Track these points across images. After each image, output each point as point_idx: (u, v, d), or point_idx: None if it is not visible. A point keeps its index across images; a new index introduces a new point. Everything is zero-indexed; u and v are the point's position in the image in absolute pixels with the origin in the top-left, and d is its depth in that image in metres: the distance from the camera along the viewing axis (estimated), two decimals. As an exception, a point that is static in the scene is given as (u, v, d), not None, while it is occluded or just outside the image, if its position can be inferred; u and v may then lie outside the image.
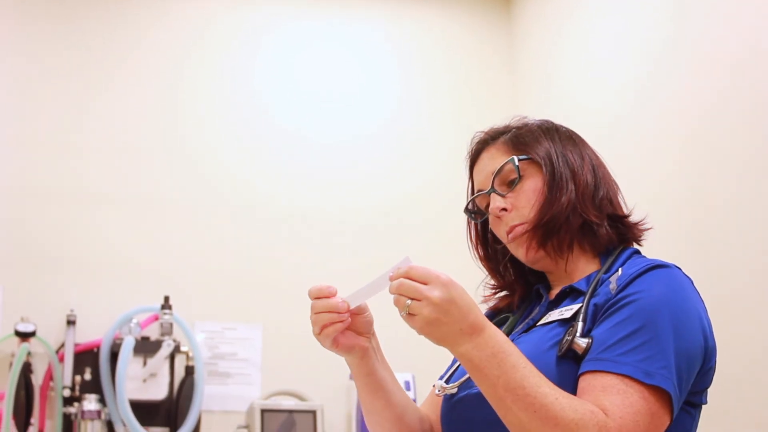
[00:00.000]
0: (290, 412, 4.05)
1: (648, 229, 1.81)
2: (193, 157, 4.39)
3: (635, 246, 1.80)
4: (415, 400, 4.06)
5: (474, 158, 1.87)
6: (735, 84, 3.27)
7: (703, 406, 1.67)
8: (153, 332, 4.07)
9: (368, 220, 4.51)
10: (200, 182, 4.37)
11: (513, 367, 1.48)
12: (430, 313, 1.47)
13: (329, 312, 1.63)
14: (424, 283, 1.48)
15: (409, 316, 1.49)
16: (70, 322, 3.99)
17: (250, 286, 4.31)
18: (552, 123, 1.86)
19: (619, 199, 1.82)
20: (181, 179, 4.35)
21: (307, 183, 4.49)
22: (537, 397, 1.46)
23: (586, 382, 1.52)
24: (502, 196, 1.77)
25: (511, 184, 1.78)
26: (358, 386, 1.78)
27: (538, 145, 1.78)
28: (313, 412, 4.07)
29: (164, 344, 3.97)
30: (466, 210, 1.88)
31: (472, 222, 1.90)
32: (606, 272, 1.69)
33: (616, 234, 1.76)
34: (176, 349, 4.02)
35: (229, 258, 4.32)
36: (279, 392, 4.19)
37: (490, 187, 1.79)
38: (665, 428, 1.52)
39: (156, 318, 4.08)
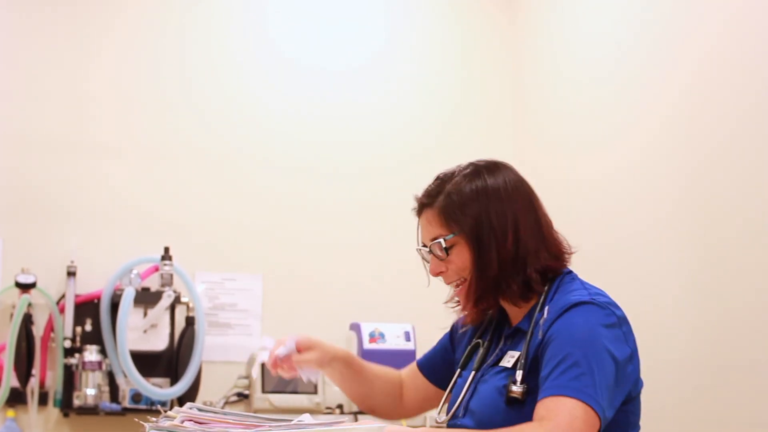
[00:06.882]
0: (291, 362, 4.06)
1: (573, 253, 2.11)
2: (193, 109, 4.35)
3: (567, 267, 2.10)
4: (414, 350, 4.08)
5: (418, 214, 2.16)
6: (735, 30, 3.25)
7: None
8: (153, 283, 4.07)
9: (368, 166, 4.48)
10: (200, 133, 4.33)
11: None
12: None
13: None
14: None
15: None
16: (71, 273, 3.99)
17: (250, 236, 4.31)
18: (483, 182, 2.09)
19: (544, 245, 2.07)
20: (181, 130, 4.32)
21: (306, 133, 4.46)
22: None
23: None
24: (440, 259, 2.10)
25: (445, 251, 2.08)
26: (338, 383, 2.34)
27: (465, 219, 2.06)
28: (314, 362, 4.08)
29: (165, 295, 3.98)
30: (419, 251, 2.17)
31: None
32: (540, 310, 2.01)
33: (541, 277, 2.05)
34: (177, 300, 4.03)
35: (229, 208, 4.31)
36: (280, 342, 4.19)
37: (428, 249, 2.12)
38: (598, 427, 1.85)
39: (156, 269, 4.08)
